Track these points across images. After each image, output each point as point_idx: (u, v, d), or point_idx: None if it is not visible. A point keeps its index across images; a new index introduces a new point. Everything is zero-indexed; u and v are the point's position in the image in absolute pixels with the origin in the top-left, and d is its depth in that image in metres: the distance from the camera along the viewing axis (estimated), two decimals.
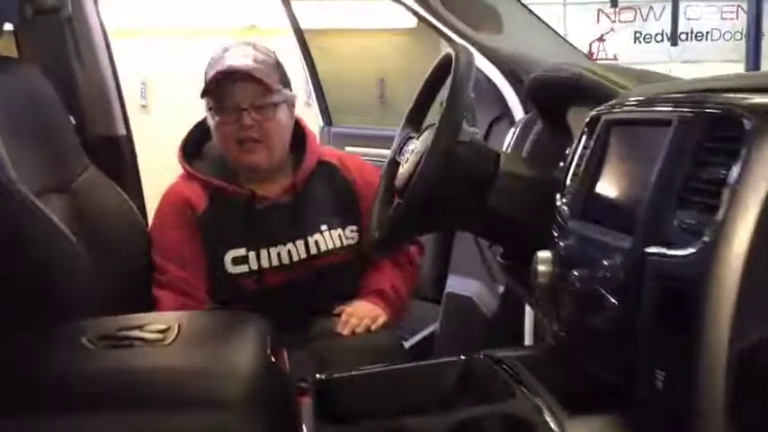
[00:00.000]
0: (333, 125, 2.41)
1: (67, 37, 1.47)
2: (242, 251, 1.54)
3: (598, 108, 1.04)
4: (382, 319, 1.58)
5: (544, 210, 1.22)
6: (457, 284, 1.97)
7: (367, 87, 4.93)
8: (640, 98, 0.96)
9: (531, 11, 1.54)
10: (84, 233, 1.22)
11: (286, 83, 1.61)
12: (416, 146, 1.30)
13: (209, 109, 1.55)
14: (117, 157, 1.58)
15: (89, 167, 1.44)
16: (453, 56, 1.21)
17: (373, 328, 1.55)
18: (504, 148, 1.58)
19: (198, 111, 1.59)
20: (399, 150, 1.45)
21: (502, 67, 1.59)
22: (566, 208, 1.03)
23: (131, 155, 1.61)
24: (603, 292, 0.84)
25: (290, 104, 1.60)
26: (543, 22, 1.52)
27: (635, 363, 0.80)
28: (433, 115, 1.53)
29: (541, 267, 1.03)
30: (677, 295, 0.74)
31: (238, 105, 1.51)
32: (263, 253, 1.54)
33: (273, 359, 0.84)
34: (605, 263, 0.84)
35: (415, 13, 1.57)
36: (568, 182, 1.07)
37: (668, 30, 12.43)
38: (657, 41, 12.17)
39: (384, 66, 5.06)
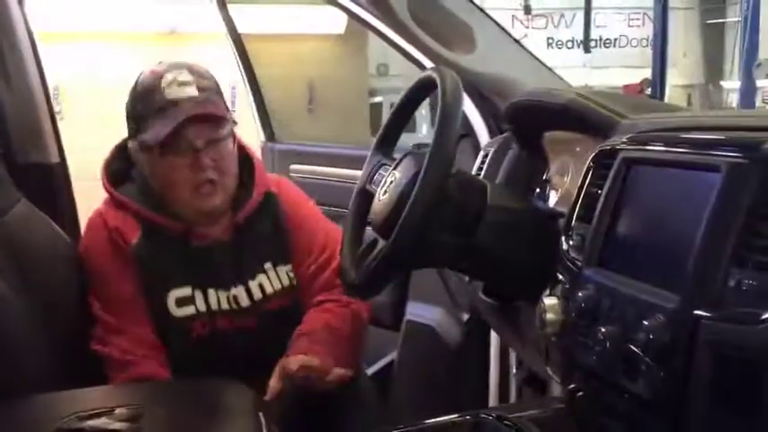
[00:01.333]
0: (276, 141, 2.26)
1: None
2: (187, 290, 1.37)
3: (609, 142, 0.96)
4: (315, 362, 1.35)
5: (534, 245, 1.16)
6: (417, 311, 1.88)
7: (296, 93, 4.81)
8: (664, 134, 0.89)
9: (503, 28, 1.46)
10: (16, 276, 1.05)
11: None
12: (395, 177, 1.19)
13: (142, 145, 1.35)
14: (50, 187, 1.38)
15: (20, 201, 1.26)
16: (439, 81, 1.11)
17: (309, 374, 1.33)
18: (473, 172, 1.50)
19: (117, 119, 1.39)
20: (370, 179, 1.34)
21: (468, 86, 1.51)
22: (576, 251, 0.95)
23: (66, 184, 1.42)
24: (642, 354, 0.76)
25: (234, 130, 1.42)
26: (517, 41, 1.45)
27: None
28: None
29: (551, 316, 0.95)
30: (740, 368, 0.66)
31: (192, 146, 1.33)
32: (211, 292, 1.38)
33: None
34: (644, 322, 0.76)
35: (377, 32, 1.46)
36: (574, 222, 0.99)
37: (579, 36, 12.86)
38: (569, 48, 12.58)
39: (313, 71, 4.95)
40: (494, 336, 1.74)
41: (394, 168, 1.22)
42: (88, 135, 3.30)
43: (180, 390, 0.90)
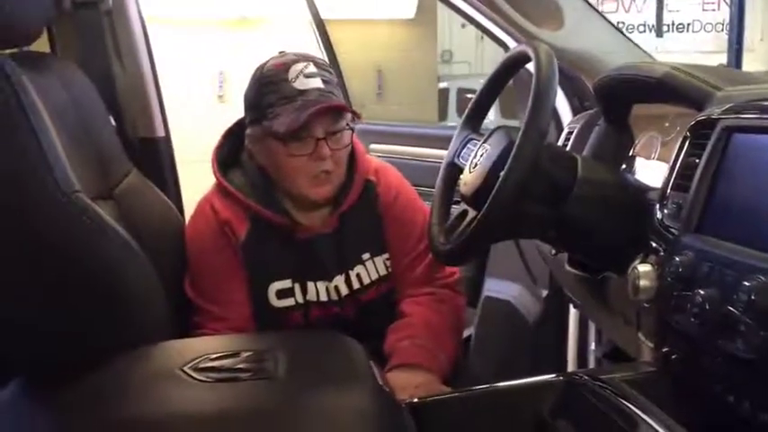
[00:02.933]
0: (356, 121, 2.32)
1: (106, 31, 1.36)
2: (287, 283, 1.40)
3: (706, 112, 0.97)
4: (429, 381, 1.35)
5: (624, 217, 1.17)
6: (495, 288, 1.91)
7: (365, 78, 4.86)
8: (762, 103, 0.90)
9: (590, 4, 1.47)
10: (132, 236, 1.13)
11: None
12: (486, 149, 1.23)
13: (265, 132, 1.37)
14: (157, 159, 1.47)
15: (132, 172, 1.34)
16: (533, 54, 1.14)
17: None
18: None
19: None
20: (458, 153, 1.38)
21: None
22: (672, 220, 0.97)
23: (170, 157, 1.50)
24: (742, 315, 0.78)
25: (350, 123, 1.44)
26: (604, 17, 1.45)
27: None
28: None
29: (644, 282, 0.97)
30: None
31: (315, 135, 1.35)
32: (310, 286, 1.42)
33: (386, 388, 0.77)
34: (745, 283, 0.78)
35: (460, 11, 1.49)
36: (669, 191, 1.01)
37: (650, 21, 12.49)
38: (640, 32, 12.23)
39: (382, 56, 4.99)
40: (572, 312, 1.76)
41: (484, 142, 1.25)
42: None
43: (298, 337, 0.96)
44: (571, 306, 1.73)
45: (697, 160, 0.94)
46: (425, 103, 5.08)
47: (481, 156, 1.22)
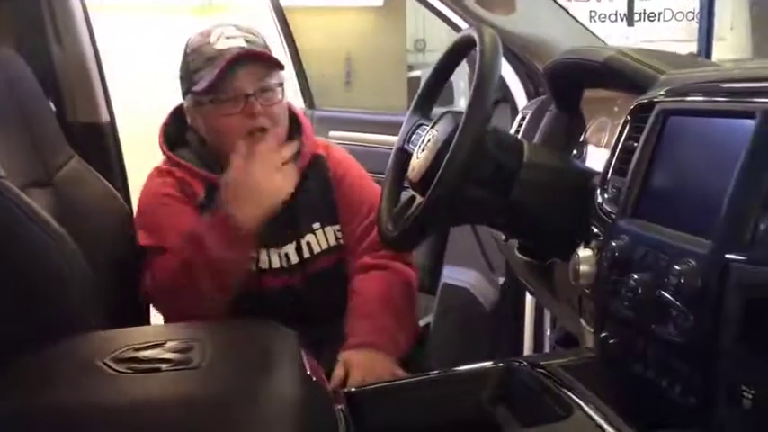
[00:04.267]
0: (315, 108, 2.30)
1: (44, 14, 1.32)
2: None
3: (647, 95, 0.97)
4: (386, 364, 1.35)
5: (570, 203, 1.17)
6: (453, 275, 1.91)
7: (333, 66, 4.82)
8: (702, 85, 0.89)
9: None
10: (70, 230, 1.10)
11: None
12: (433, 135, 1.21)
13: (196, 98, 1.37)
14: (101, 145, 1.43)
15: (72, 158, 1.31)
16: (477, 38, 1.13)
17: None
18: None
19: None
20: (408, 138, 1.37)
21: (507, 49, 1.51)
22: (611, 204, 0.97)
23: (115, 142, 1.46)
24: (673, 299, 0.78)
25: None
26: (556, 2, 1.44)
27: (714, 378, 0.74)
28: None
29: (584, 267, 0.97)
30: None
31: (243, 91, 1.34)
32: (262, 254, 1.41)
33: (314, 377, 0.76)
34: (676, 267, 0.77)
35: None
36: (609, 175, 1.01)
37: (622, 10, 12.57)
38: (612, 21, 12.29)
39: (350, 44, 4.95)
40: (529, 298, 1.76)
41: (432, 127, 1.24)
42: None
43: (227, 327, 0.95)
44: (527, 293, 1.73)
45: (635, 144, 0.94)
46: (394, 92, 5.07)
47: (428, 141, 1.21)
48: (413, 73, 7.86)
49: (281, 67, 1.40)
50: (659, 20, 12.04)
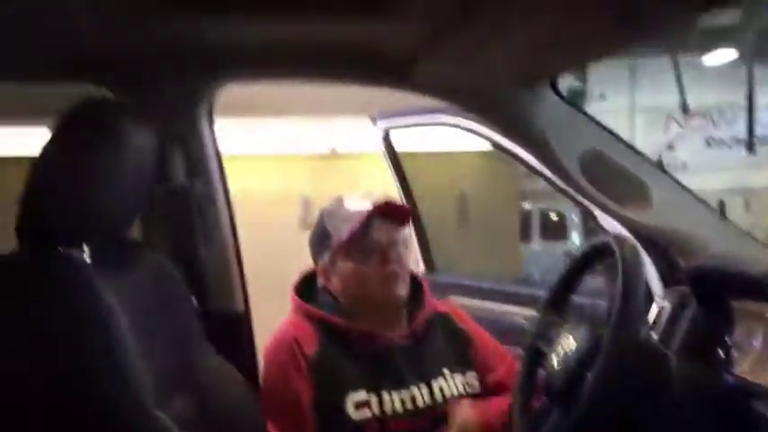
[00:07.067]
0: (436, 273, 2.29)
1: (194, 216, 1.41)
2: (363, 394, 1.42)
3: None
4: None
5: (723, 424, 1.09)
6: None
7: (445, 208, 4.90)
8: None
9: (680, 183, 1.42)
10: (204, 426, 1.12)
11: None
12: (569, 345, 1.19)
13: (334, 254, 1.48)
14: (235, 336, 1.48)
15: (212, 356, 1.34)
16: (617, 252, 1.11)
17: None
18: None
19: None
20: (541, 336, 1.34)
21: (642, 236, 1.47)
22: None
23: (249, 332, 1.51)
24: None
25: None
26: (697, 197, 1.40)
27: None
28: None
29: None
30: None
31: (379, 244, 1.47)
32: (386, 397, 1.42)
33: None
34: None
35: (552, 184, 1.48)
36: None
37: (740, 135, 12.17)
38: (729, 147, 11.94)
39: (464, 185, 5.04)
40: None
41: (568, 332, 1.22)
42: None
43: None
44: None
45: None
46: (507, 235, 5.07)
47: (564, 352, 1.19)
48: (524, 206, 7.93)
49: (409, 221, 1.53)
50: None
